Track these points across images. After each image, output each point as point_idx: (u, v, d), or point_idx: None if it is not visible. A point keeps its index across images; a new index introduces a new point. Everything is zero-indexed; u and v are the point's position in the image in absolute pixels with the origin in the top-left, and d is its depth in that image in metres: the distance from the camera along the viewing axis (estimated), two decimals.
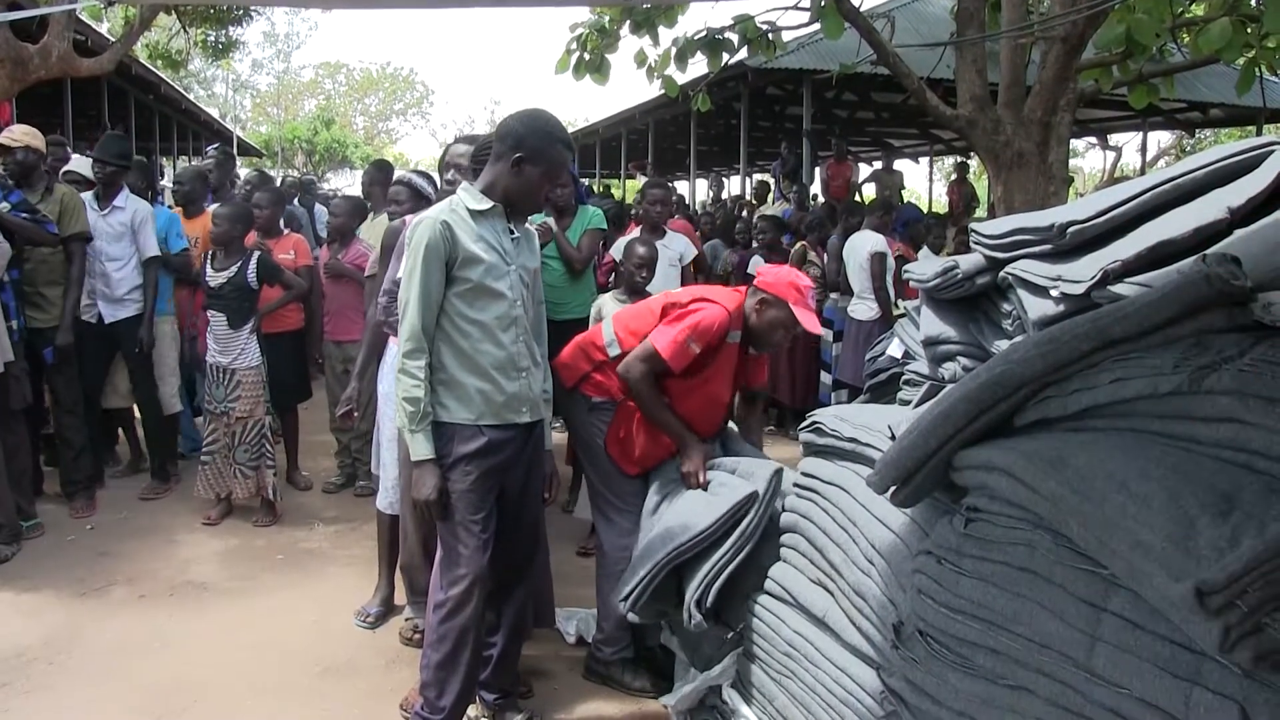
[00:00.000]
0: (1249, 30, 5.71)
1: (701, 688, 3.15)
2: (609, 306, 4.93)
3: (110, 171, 5.68)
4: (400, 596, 4.23)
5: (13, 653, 3.84)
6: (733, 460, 3.49)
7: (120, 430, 6.43)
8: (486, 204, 3.00)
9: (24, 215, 5.06)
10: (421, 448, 2.94)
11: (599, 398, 3.68)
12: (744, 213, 11.28)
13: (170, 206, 6.91)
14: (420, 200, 4.31)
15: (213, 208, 5.90)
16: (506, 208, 3.04)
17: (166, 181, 12.48)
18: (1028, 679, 1.76)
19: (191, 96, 25.37)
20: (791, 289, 3.52)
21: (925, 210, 17.16)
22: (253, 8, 13.67)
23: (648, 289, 4.70)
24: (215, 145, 10.35)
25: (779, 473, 3.17)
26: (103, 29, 12.70)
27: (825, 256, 7.77)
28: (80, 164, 6.46)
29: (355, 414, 4.17)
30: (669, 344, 3.41)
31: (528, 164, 2.96)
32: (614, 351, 3.65)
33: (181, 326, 6.25)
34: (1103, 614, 1.64)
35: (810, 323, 3.52)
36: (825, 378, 7.72)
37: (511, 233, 3.07)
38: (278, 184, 10.42)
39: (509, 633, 3.33)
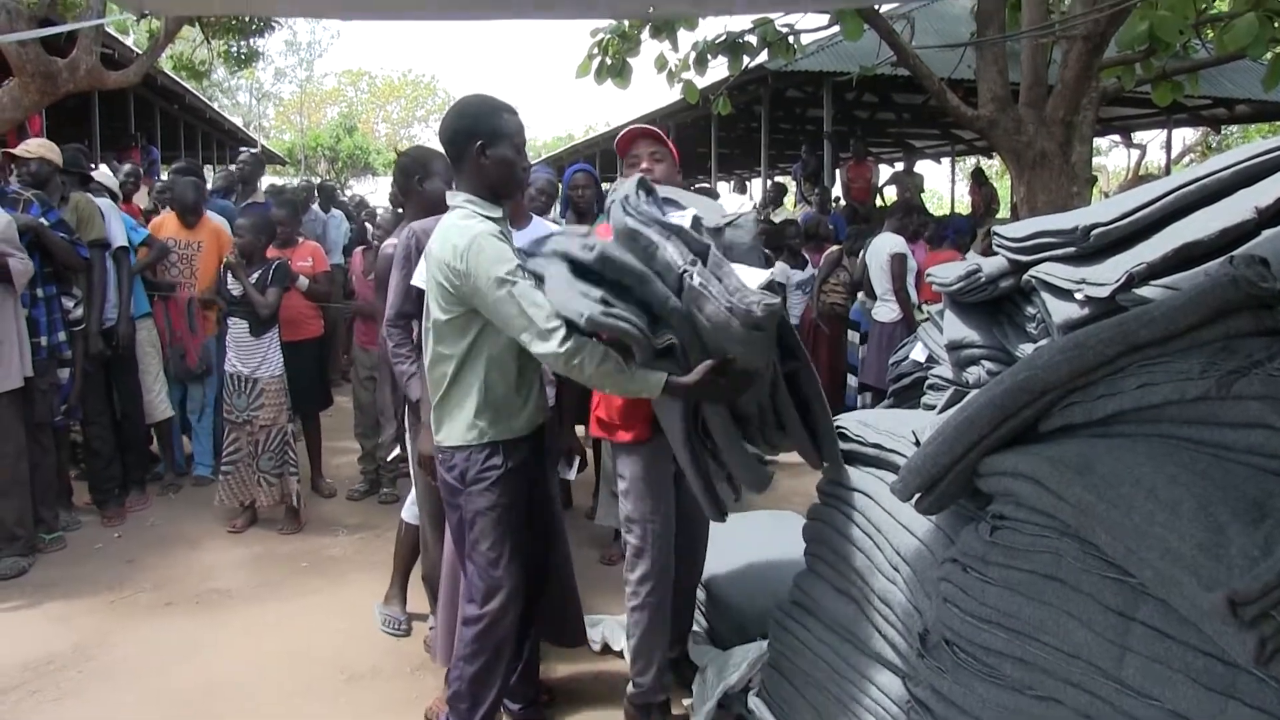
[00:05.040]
0: (1276, 25, 5.63)
1: (718, 696, 3.16)
2: None
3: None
4: (413, 604, 4.23)
5: (43, 659, 3.87)
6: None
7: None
8: (498, 210, 2.89)
9: (61, 235, 5.08)
10: (655, 376, 2.66)
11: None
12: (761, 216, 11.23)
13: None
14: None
15: (239, 220, 5.89)
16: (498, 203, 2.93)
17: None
18: (1056, 689, 1.74)
19: (216, 106, 25.52)
20: None
21: (948, 211, 17.06)
22: (275, 19, 13.73)
23: None
24: (249, 149, 10.38)
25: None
26: (129, 42, 12.79)
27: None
28: (104, 175, 6.51)
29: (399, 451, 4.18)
30: None
31: (490, 146, 2.85)
32: None
33: (165, 340, 6.18)
34: (1132, 623, 1.62)
35: None
36: (851, 380, 7.69)
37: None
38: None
39: (532, 641, 3.32)
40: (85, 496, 5.71)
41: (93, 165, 7.00)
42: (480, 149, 2.84)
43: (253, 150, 9.53)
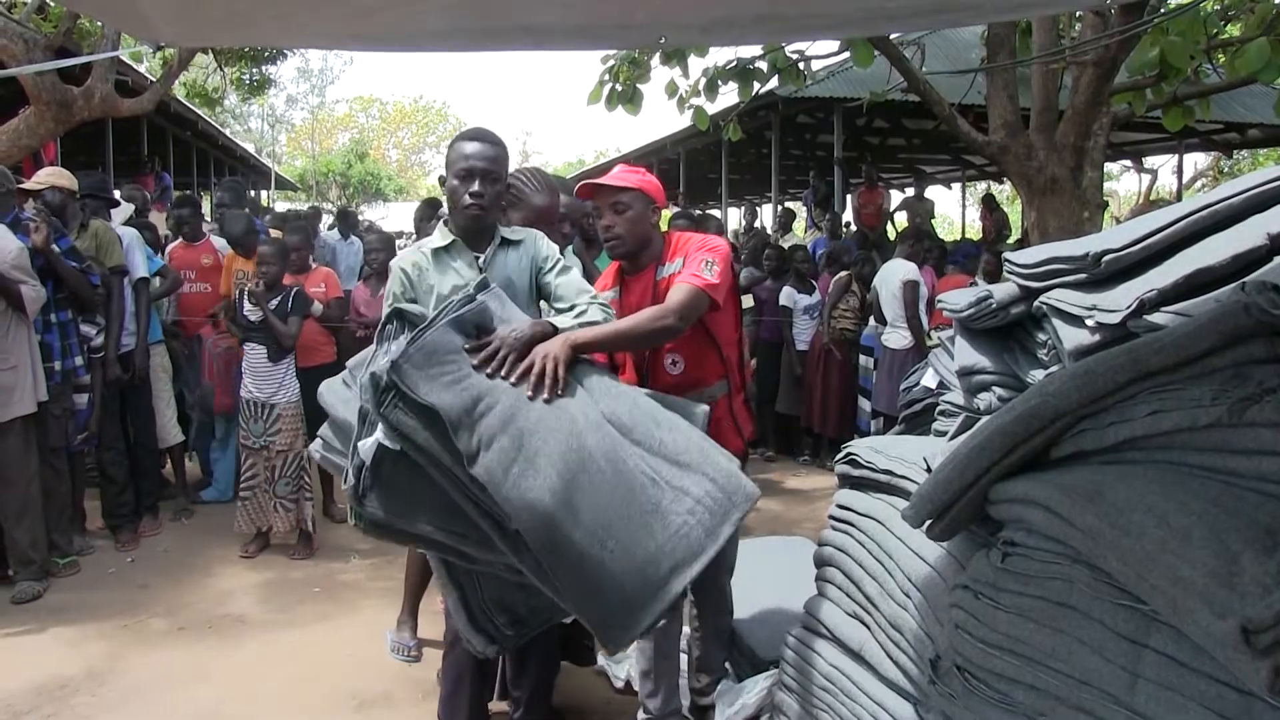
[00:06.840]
0: None
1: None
2: None
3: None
4: (425, 629, 4.23)
5: (55, 684, 3.88)
6: None
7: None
8: (446, 239, 3.01)
9: (73, 264, 5.10)
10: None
11: None
12: (768, 241, 11.17)
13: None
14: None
15: (262, 248, 5.88)
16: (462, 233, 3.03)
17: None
18: (1068, 716, 1.73)
19: (228, 132, 25.75)
20: None
21: (959, 237, 17.06)
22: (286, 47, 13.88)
23: None
24: (229, 179, 10.40)
25: None
26: (142, 69, 12.91)
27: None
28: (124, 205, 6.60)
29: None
30: None
31: (445, 178, 3.04)
32: None
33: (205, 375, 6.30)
34: (1144, 650, 1.61)
35: None
36: (864, 404, 7.68)
37: (478, 259, 3.02)
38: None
39: (540, 666, 3.31)
40: (98, 521, 5.72)
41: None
42: (441, 180, 3.11)
43: (229, 180, 9.38)
